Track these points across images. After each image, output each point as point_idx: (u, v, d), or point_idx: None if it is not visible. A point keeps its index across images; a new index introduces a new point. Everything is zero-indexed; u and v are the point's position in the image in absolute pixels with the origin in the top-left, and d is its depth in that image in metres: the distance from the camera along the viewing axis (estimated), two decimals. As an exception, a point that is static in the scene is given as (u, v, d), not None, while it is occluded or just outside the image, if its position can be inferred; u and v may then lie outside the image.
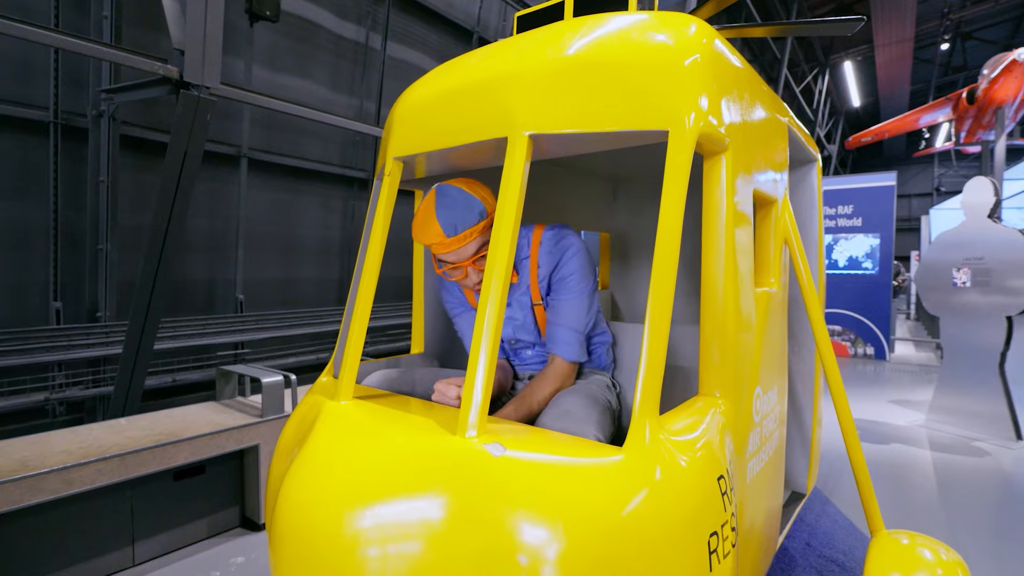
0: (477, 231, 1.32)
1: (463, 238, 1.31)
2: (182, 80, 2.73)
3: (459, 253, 1.34)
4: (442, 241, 1.31)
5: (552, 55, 1.07)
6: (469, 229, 1.31)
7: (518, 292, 1.54)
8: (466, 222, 1.30)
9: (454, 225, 1.30)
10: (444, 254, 1.35)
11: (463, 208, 1.31)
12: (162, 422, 2.42)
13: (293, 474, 1.00)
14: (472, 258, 1.35)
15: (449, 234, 1.30)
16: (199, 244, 4.35)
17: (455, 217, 1.30)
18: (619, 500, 0.83)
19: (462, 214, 1.31)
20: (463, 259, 1.35)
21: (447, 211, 1.30)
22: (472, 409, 0.92)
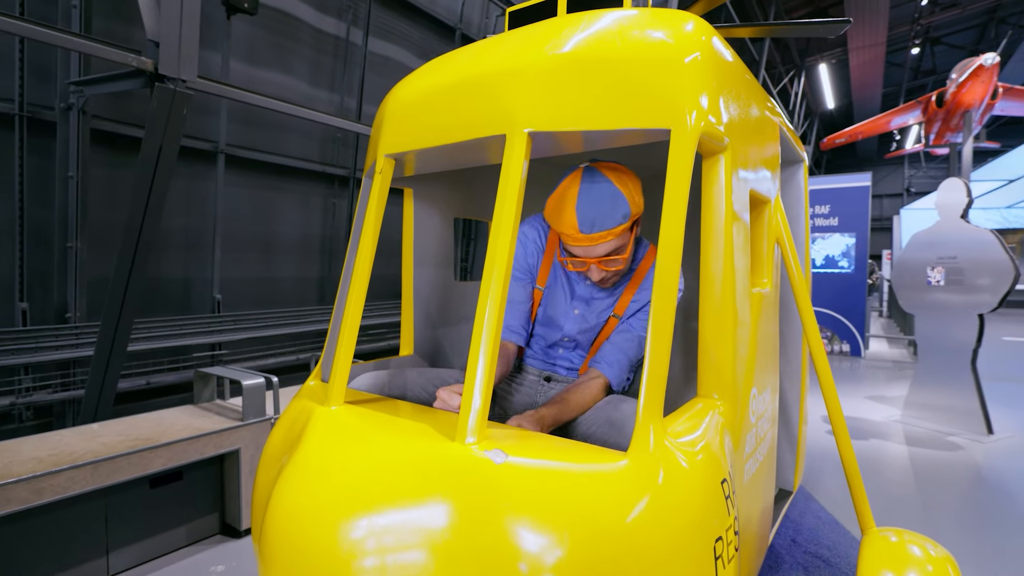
0: (616, 233, 1.21)
1: (599, 237, 1.20)
2: (157, 73, 2.64)
3: (589, 251, 1.24)
4: (574, 235, 1.20)
5: (551, 51, 1.05)
6: (608, 231, 1.20)
7: (602, 295, 1.46)
8: (607, 222, 1.19)
9: (592, 221, 1.19)
10: (572, 246, 1.25)
11: (609, 204, 1.19)
12: (137, 427, 2.34)
13: (284, 483, 0.96)
14: (601, 257, 1.26)
15: (585, 230, 1.19)
16: (175, 242, 4.22)
17: (597, 213, 1.18)
18: (624, 507, 0.81)
19: (606, 211, 1.19)
20: (591, 256, 1.26)
21: (590, 204, 1.18)
22: (472, 414, 0.89)
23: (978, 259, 3.88)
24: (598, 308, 1.47)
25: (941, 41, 14.97)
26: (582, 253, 1.25)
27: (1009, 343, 8.26)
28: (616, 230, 1.21)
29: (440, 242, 1.95)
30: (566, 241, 1.25)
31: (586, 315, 1.48)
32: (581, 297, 1.48)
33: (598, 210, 1.19)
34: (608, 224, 1.19)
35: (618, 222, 1.20)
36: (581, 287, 1.49)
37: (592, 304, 1.47)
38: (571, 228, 1.20)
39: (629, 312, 1.43)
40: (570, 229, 1.20)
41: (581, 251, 1.25)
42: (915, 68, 16.30)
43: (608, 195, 1.20)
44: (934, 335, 4.14)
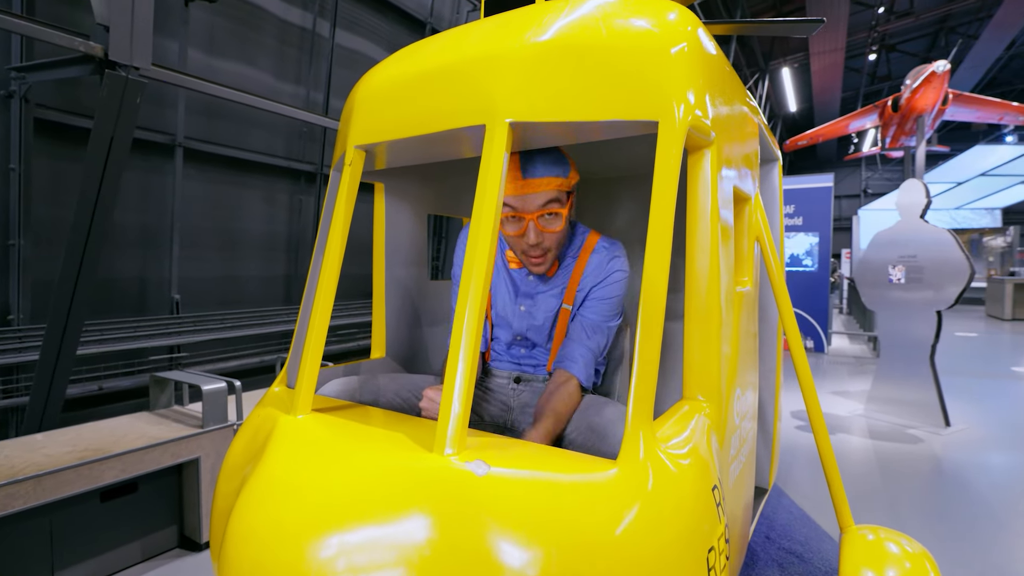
0: (554, 184, 1.27)
1: (537, 184, 1.25)
2: (107, 59, 2.48)
3: (526, 201, 1.27)
4: (515, 180, 1.25)
5: (533, 37, 1.00)
6: (547, 178, 1.26)
7: (546, 288, 1.47)
8: (547, 170, 1.26)
9: (534, 167, 1.25)
10: (512, 196, 1.28)
11: (551, 158, 1.28)
12: (87, 437, 2.19)
13: (246, 498, 0.88)
14: (537, 212, 1.28)
15: (525, 175, 1.25)
16: (129, 239, 4.00)
17: (538, 160, 1.26)
18: (614, 518, 0.76)
19: (547, 161, 1.26)
20: (528, 210, 1.28)
21: (533, 153, 1.26)
22: (451, 423, 0.83)
23: (937, 258, 4.02)
24: (544, 303, 1.48)
25: (896, 48, 15.57)
26: (519, 205, 1.28)
27: (961, 338, 8.64)
28: (555, 180, 1.27)
29: (413, 240, 1.88)
30: (508, 191, 1.28)
31: (533, 311, 1.48)
32: (525, 293, 1.49)
33: (540, 159, 1.26)
34: (549, 172, 1.27)
35: (558, 173, 1.28)
36: (524, 282, 1.51)
37: (537, 299, 1.48)
38: (513, 174, 1.26)
39: (578, 301, 1.45)
40: (511, 175, 1.26)
41: (519, 202, 1.28)
42: (872, 74, 16.91)
43: (553, 152, 1.30)
44: (895, 331, 4.27)
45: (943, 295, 3.98)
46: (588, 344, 1.39)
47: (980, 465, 3.35)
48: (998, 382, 5.66)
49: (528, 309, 1.48)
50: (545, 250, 1.35)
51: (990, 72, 15.07)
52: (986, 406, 4.65)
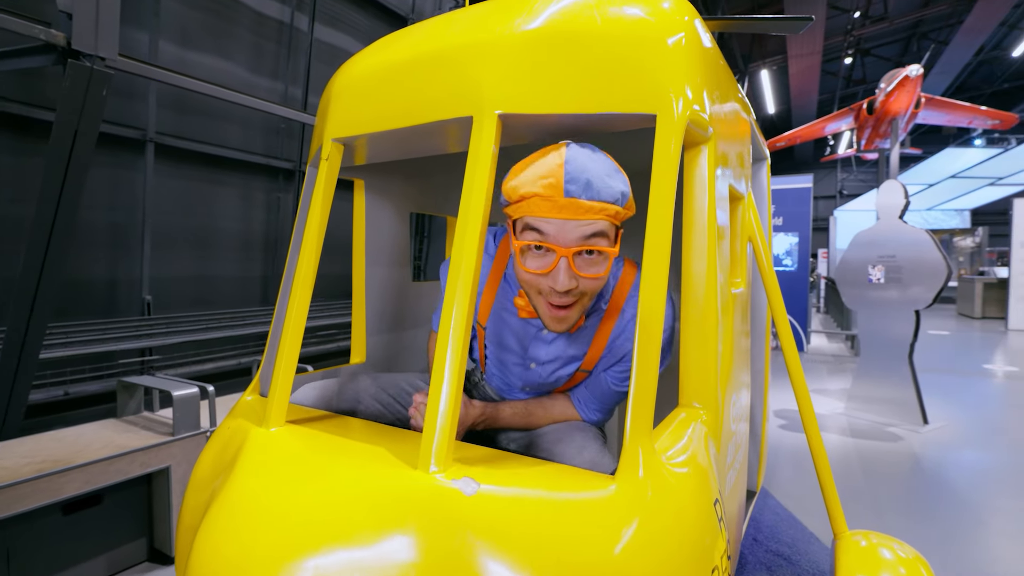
0: (610, 213, 0.92)
1: (590, 209, 0.89)
2: (70, 48, 2.36)
3: (564, 229, 0.91)
4: (554, 198, 0.88)
5: (524, 24, 0.94)
6: (602, 203, 0.90)
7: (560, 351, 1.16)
8: (605, 189, 0.90)
9: (587, 182, 0.89)
10: (543, 219, 0.91)
11: (608, 171, 0.93)
12: (47, 447, 2.08)
13: (213, 518, 0.81)
14: (577, 247, 0.92)
15: (574, 191, 0.88)
16: (97, 238, 3.84)
17: (594, 173, 0.90)
18: (612, 538, 0.71)
19: (604, 176, 0.91)
20: (564, 242, 0.91)
21: (586, 161, 0.90)
22: (436, 438, 0.77)
23: (915, 258, 4.07)
24: (561, 355, 1.18)
25: (871, 52, 15.91)
26: (552, 233, 0.91)
27: (934, 336, 8.84)
28: (611, 208, 0.91)
29: (395, 239, 1.81)
30: (534, 212, 0.91)
31: (544, 360, 1.20)
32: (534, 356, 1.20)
33: (596, 170, 0.90)
34: (606, 194, 0.90)
35: (616, 197, 0.92)
36: (534, 339, 1.18)
37: (552, 345, 1.18)
38: (551, 188, 0.88)
39: (603, 365, 1.17)
40: (550, 189, 0.88)
41: (553, 228, 0.91)
42: (847, 77, 17.25)
43: (605, 161, 0.94)
44: (875, 330, 4.32)
45: (921, 295, 4.04)
46: (600, 398, 1.20)
47: (958, 462, 3.40)
48: (971, 379, 5.79)
49: (543, 355, 1.20)
50: (576, 298, 0.99)
51: (960, 77, 15.49)
52: (961, 403, 4.75)
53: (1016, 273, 9.60)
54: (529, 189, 0.92)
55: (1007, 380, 5.75)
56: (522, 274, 0.99)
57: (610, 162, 0.95)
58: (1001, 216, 17.16)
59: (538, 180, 0.90)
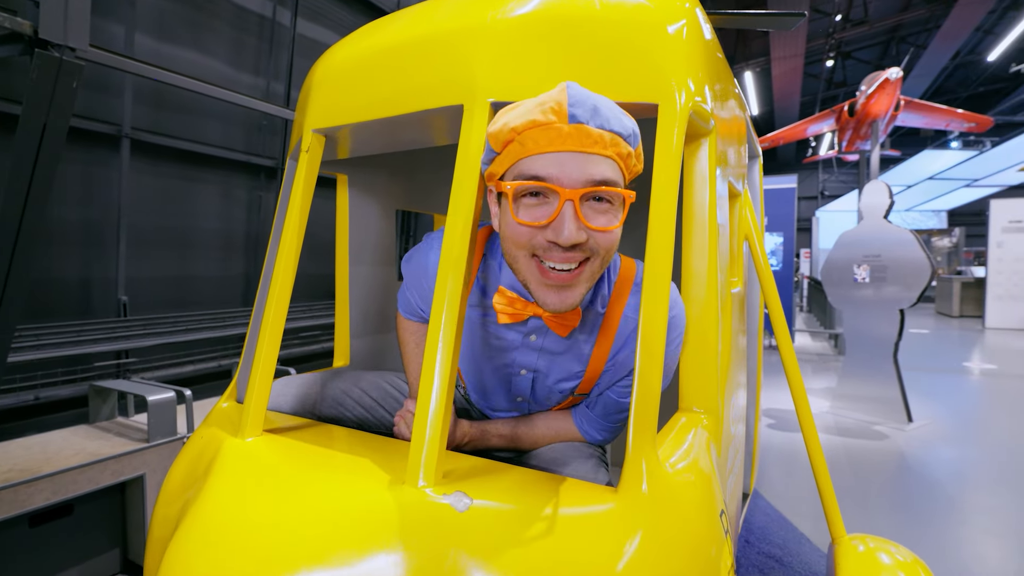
0: (620, 152, 0.76)
1: (599, 140, 0.73)
2: (37, 38, 2.25)
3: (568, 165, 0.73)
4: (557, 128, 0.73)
5: (518, 8, 0.89)
6: (613, 135, 0.75)
7: (564, 350, 0.98)
8: (615, 121, 0.75)
9: (595, 107, 0.74)
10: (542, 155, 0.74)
11: (618, 111, 0.77)
12: (14, 455, 1.98)
13: (184, 536, 0.75)
14: (585, 188, 0.74)
15: (581, 115, 0.73)
16: (70, 237, 3.71)
17: (601, 102, 0.75)
18: (614, 554, 0.67)
19: (614, 107, 0.77)
20: (569, 181, 0.73)
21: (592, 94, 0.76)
22: (424, 450, 0.72)
23: (899, 257, 4.11)
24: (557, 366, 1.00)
25: (851, 56, 16.15)
26: (553, 172, 0.74)
27: (914, 335, 8.98)
28: (623, 146, 0.76)
29: (380, 237, 1.74)
30: (530, 150, 0.75)
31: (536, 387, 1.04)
32: (524, 364, 1.01)
33: (603, 100, 0.76)
34: (616, 124, 0.75)
35: (628, 132, 0.77)
36: (524, 352, 0.99)
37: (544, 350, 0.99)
38: (553, 112, 0.73)
39: (606, 382, 1.01)
40: (551, 114, 0.73)
41: (554, 166, 0.73)
42: (829, 79, 17.50)
43: (617, 107, 0.79)
44: (860, 329, 4.35)
45: (906, 294, 4.07)
46: (603, 416, 1.04)
47: (943, 460, 3.43)
48: (951, 377, 5.88)
49: (528, 377, 1.03)
50: (585, 257, 0.79)
51: (937, 80, 15.80)
52: (943, 401, 4.81)
53: (992, 272, 9.81)
54: (524, 119, 0.74)
55: (986, 378, 5.85)
56: (514, 229, 0.78)
57: (618, 107, 0.79)
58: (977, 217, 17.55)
59: (535, 107, 0.74)
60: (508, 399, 1.09)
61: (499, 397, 1.09)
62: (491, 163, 0.80)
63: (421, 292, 1.08)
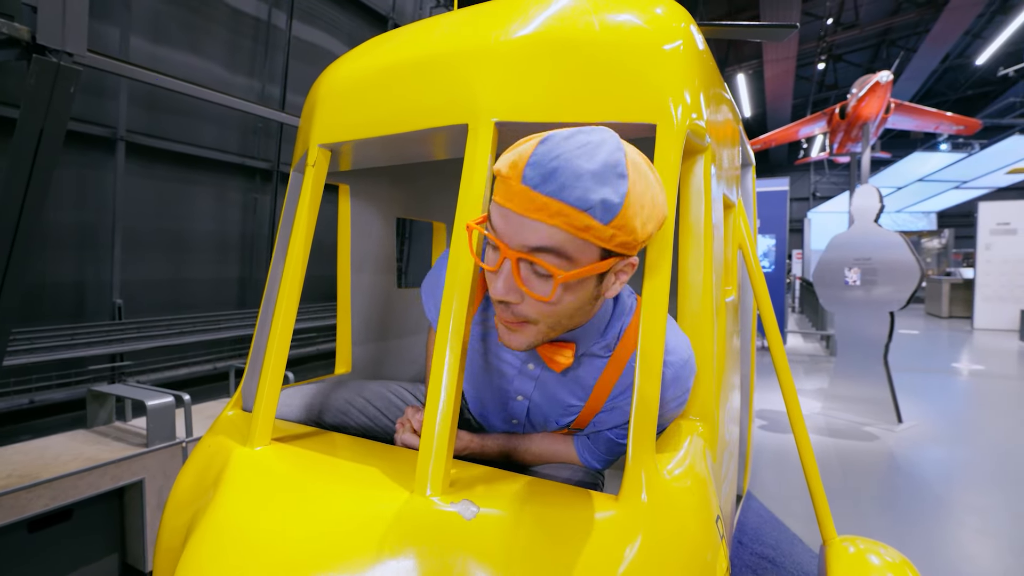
0: (572, 219, 0.68)
1: (542, 208, 0.68)
2: (35, 43, 2.25)
3: (514, 226, 0.71)
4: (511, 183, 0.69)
5: (519, 30, 0.92)
6: (564, 204, 0.67)
7: (560, 385, 0.97)
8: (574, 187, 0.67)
9: (552, 171, 0.67)
10: (497, 208, 0.72)
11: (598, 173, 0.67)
12: (11, 460, 1.98)
13: (197, 544, 0.77)
14: (520, 253, 0.71)
15: (531, 180, 0.67)
16: (65, 240, 3.70)
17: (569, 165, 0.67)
18: (615, 560, 0.69)
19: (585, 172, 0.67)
20: (509, 240, 0.72)
21: (569, 149, 0.68)
22: (432, 459, 0.74)
23: (889, 260, 4.17)
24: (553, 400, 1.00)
25: (842, 58, 16.30)
26: (502, 226, 0.72)
27: (904, 336, 9.09)
28: (574, 215, 0.67)
29: (381, 245, 1.76)
30: (495, 196, 0.73)
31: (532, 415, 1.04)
32: (520, 390, 1.01)
33: (576, 163, 0.67)
34: (570, 194, 0.67)
35: (587, 204, 0.67)
36: (522, 380, 0.99)
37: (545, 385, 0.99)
38: (512, 167, 0.69)
39: (604, 422, 1.00)
40: (511, 169, 0.69)
41: (502, 221, 0.72)
42: (820, 82, 17.65)
43: (603, 159, 0.68)
44: (851, 331, 4.41)
45: (896, 296, 4.14)
46: (605, 458, 1.03)
47: (932, 460, 3.49)
48: (940, 377, 5.96)
49: (523, 403, 1.03)
50: (520, 319, 0.80)
51: (927, 83, 15.98)
52: (932, 401, 4.88)
53: (981, 274, 9.94)
54: (500, 165, 0.72)
55: (974, 378, 5.94)
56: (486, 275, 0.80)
57: (613, 160, 0.69)
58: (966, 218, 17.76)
59: (513, 154, 0.71)
60: (504, 420, 1.09)
61: (496, 417, 1.10)
62: None
63: (438, 305, 1.07)
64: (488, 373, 1.03)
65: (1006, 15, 11.69)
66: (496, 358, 1.01)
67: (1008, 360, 6.97)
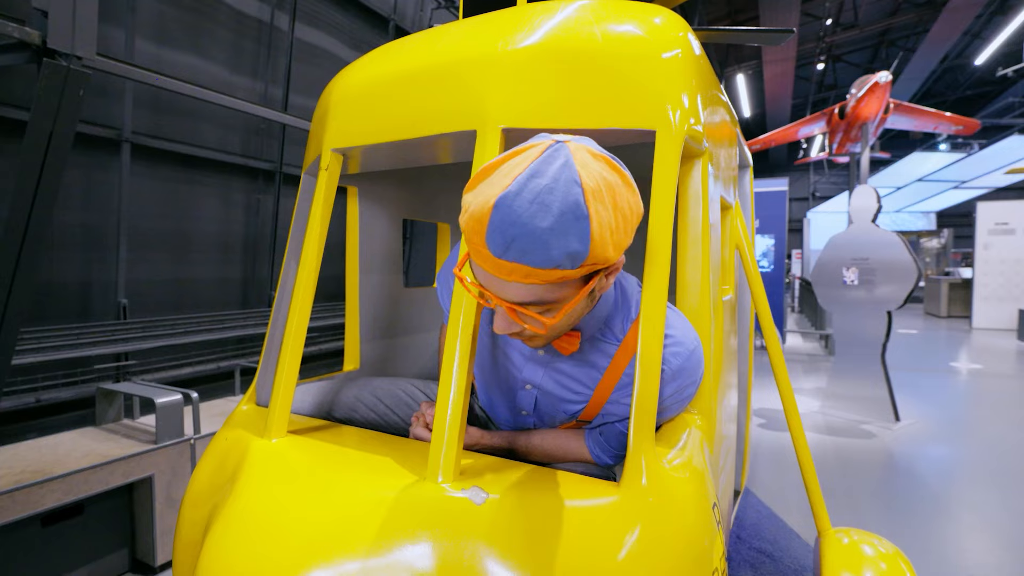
0: (543, 279, 0.70)
1: (513, 272, 0.70)
2: (45, 47, 2.30)
3: (495, 287, 0.74)
4: (477, 248, 0.71)
5: (525, 40, 0.96)
6: (530, 268, 0.68)
7: (571, 369, 0.99)
8: (534, 253, 0.67)
9: (511, 240, 0.67)
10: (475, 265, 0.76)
11: (552, 224, 0.66)
12: (25, 456, 2.03)
13: (221, 531, 0.81)
14: (513, 305, 0.75)
15: (495, 250, 0.68)
16: (70, 241, 3.74)
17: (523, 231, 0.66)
18: (616, 544, 0.74)
19: (540, 234, 0.66)
20: (501, 296, 0.75)
21: (521, 208, 0.66)
22: (443, 448, 0.79)
23: (886, 260, 4.21)
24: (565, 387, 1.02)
25: (842, 59, 16.34)
26: (485, 281, 0.75)
27: (903, 335, 9.13)
28: (543, 273, 0.69)
29: (388, 245, 1.81)
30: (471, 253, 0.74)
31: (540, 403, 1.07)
32: (529, 379, 1.04)
33: (528, 228, 0.66)
34: (534, 258, 0.67)
35: (553, 262, 0.68)
36: (531, 366, 1.02)
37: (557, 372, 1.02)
38: (474, 233, 0.70)
39: (612, 413, 1.02)
40: (472, 234, 0.70)
41: (483, 277, 0.75)
42: (820, 82, 17.69)
43: (559, 208, 0.66)
44: (849, 330, 4.45)
45: (893, 295, 4.18)
46: (618, 453, 1.03)
47: (928, 458, 3.53)
48: (938, 377, 6.00)
49: (532, 393, 1.06)
50: (530, 338, 0.86)
51: (926, 84, 16.02)
52: (929, 400, 4.92)
53: (979, 274, 9.99)
54: (461, 224, 0.72)
55: (973, 377, 5.98)
56: None
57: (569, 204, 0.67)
58: (965, 218, 17.79)
59: (471, 219, 0.70)
60: (513, 411, 1.11)
61: (505, 408, 1.12)
62: None
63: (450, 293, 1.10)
64: (498, 363, 1.06)
65: (1005, 15, 11.73)
66: (506, 346, 1.05)
67: (1006, 359, 7.02)
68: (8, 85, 3.21)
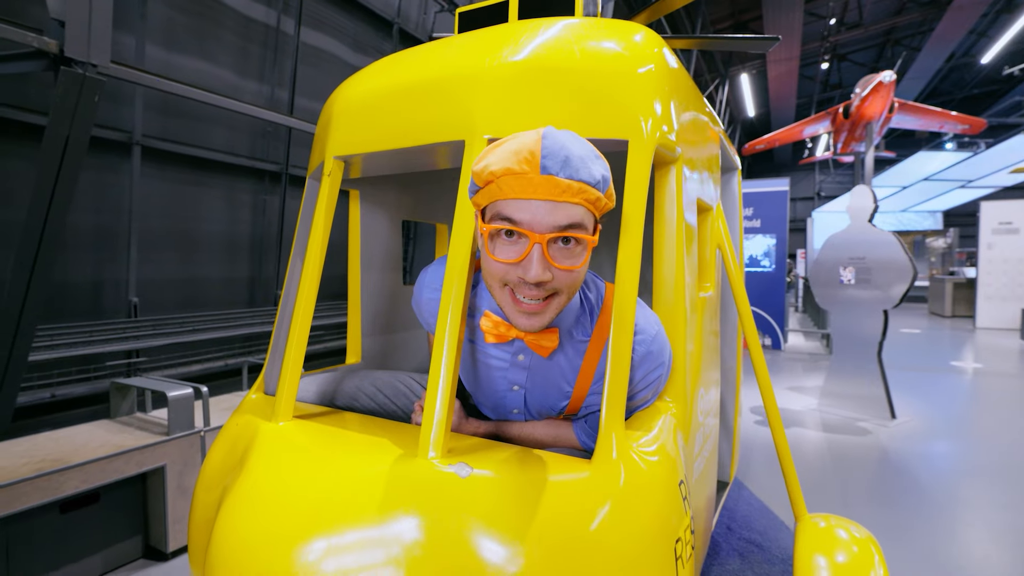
0: (589, 198, 0.83)
1: (568, 189, 0.80)
2: (63, 55, 2.40)
3: (539, 212, 0.81)
4: (529, 175, 0.80)
5: (510, 57, 1.04)
6: (582, 184, 0.81)
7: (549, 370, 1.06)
8: (585, 170, 0.82)
9: (566, 159, 0.80)
10: (515, 201, 0.82)
11: (590, 155, 0.84)
12: (44, 446, 2.13)
13: (232, 506, 0.90)
14: (552, 233, 0.82)
15: (552, 168, 0.80)
16: (83, 241, 3.85)
17: (572, 152, 0.81)
18: (588, 514, 0.82)
19: (586, 156, 0.83)
20: (539, 227, 0.82)
21: (567, 141, 0.82)
22: (433, 428, 0.87)
23: (883, 259, 4.26)
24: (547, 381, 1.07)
25: (846, 58, 16.32)
26: (525, 218, 0.82)
27: (905, 334, 9.14)
28: (592, 193, 0.83)
29: (388, 245, 1.90)
30: (506, 195, 0.83)
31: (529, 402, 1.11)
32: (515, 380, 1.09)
33: (576, 150, 0.82)
34: (585, 174, 0.82)
35: (596, 181, 0.83)
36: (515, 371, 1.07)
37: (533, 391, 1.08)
38: (526, 163, 0.80)
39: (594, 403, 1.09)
40: (524, 164, 0.80)
41: (526, 212, 0.82)
42: (824, 82, 17.66)
43: (588, 146, 0.85)
44: (846, 329, 4.50)
45: (889, 295, 4.23)
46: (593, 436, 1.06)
47: (922, 454, 3.58)
48: (939, 375, 6.03)
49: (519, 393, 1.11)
50: (550, 293, 0.89)
51: (931, 83, 15.97)
52: (928, 398, 4.96)
53: (983, 273, 9.97)
54: (502, 165, 0.81)
55: (974, 376, 6.00)
56: (489, 264, 0.88)
57: (591, 147, 0.86)
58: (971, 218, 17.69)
59: (512, 155, 0.81)
60: (507, 412, 1.16)
61: (498, 410, 1.18)
62: (475, 194, 0.89)
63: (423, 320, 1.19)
64: (482, 372, 1.12)
65: (1011, 14, 11.69)
66: (487, 357, 1.09)
67: (1008, 358, 7.03)
68: (24, 90, 3.32)
